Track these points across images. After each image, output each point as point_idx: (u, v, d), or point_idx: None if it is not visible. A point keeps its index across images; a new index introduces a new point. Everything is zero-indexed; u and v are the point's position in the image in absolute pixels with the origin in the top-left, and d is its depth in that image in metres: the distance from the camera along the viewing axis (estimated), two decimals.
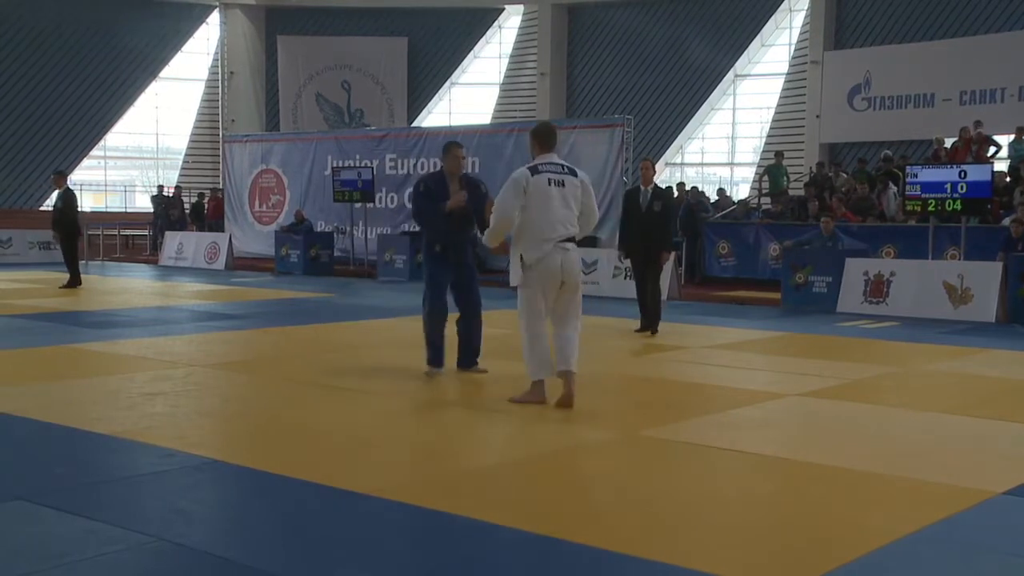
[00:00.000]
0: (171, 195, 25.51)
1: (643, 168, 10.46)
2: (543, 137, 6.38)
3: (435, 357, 7.35)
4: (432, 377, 7.30)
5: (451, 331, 7.44)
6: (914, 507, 4.41)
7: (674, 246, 12.75)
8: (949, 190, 13.09)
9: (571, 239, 6.17)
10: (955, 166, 13.71)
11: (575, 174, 6.30)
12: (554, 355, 6.28)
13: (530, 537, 3.88)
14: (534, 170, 6.16)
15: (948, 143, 17.87)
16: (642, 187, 10.29)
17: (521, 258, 6.09)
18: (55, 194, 15.43)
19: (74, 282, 14.97)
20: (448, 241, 7.26)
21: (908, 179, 13.86)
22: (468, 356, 7.46)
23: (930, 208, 13.41)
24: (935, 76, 23.59)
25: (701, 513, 4.34)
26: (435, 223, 7.29)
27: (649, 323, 10.21)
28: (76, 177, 31.08)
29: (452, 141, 7.71)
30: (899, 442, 5.71)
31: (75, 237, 15.14)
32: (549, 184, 6.08)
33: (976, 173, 13.20)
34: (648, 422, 6.06)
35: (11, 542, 3.79)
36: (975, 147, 16.66)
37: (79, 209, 15.46)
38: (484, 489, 4.65)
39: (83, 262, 21.69)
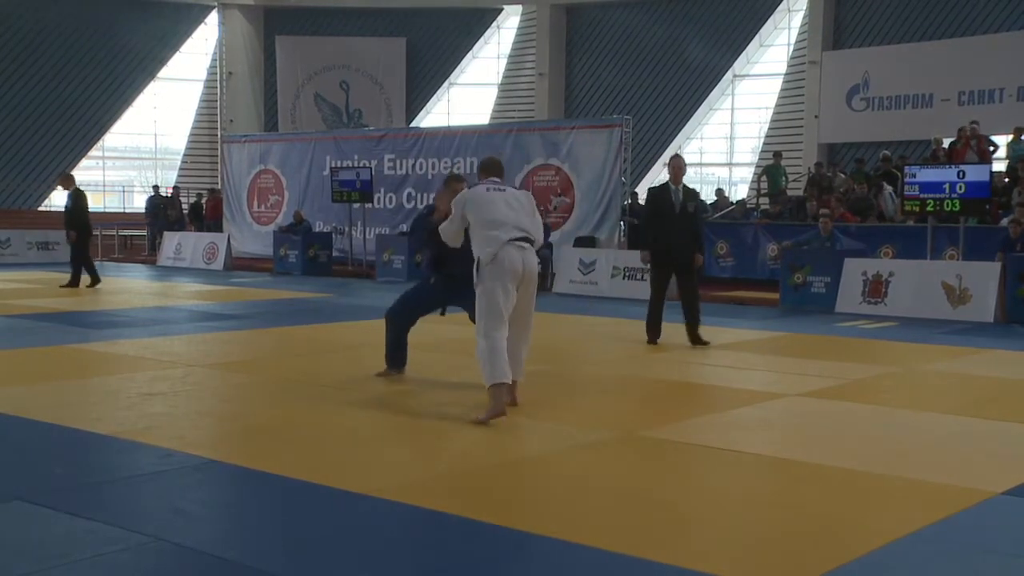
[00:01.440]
0: (169, 195, 25.51)
1: (674, 165, 9.54)
2: (489, 167, 6.44)
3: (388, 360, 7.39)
4: (384, 377, 7.33)
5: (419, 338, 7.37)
6: (914, 507, 4.41)
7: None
8: (948, 190, 13.09)
9: (527, 240, 6.10)
10: (954, 166, 13.71)
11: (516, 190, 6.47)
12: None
13: (529, 538, 3.88)
14: (471, 187, 6.33)
15: (946, 143, 17.88)
16: (672, 185, 9.45)
17: (478, 259, 6.00)
18: (65, 195, 15.47)
19: (75, 282, 15.00)
20: (449, 271, 6.93)
21: (907, 179, 13.85)
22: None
23: (929, 208, 13.41)
24: (934, 76, 23.62)
25: (700, 513, 4.33)
26: (431, 250, 7.07)
27: (692, 334, 9.38)
28: (74, 177, 31.07)
29: (454, 175, 7.46)
30: (898, 442, 5.71)
31: (85, 237, 15.25)
32: (488, 190, 6.17)
33: (975, 173, 13.20)
34: (647, 422, 6.06)
35: (10, 542, 3.79)
36: (975, 142, 16.66)
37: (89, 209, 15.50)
38: (483, 490, 4.64)
39: None
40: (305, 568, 3.55)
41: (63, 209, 15.81)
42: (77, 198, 15.14)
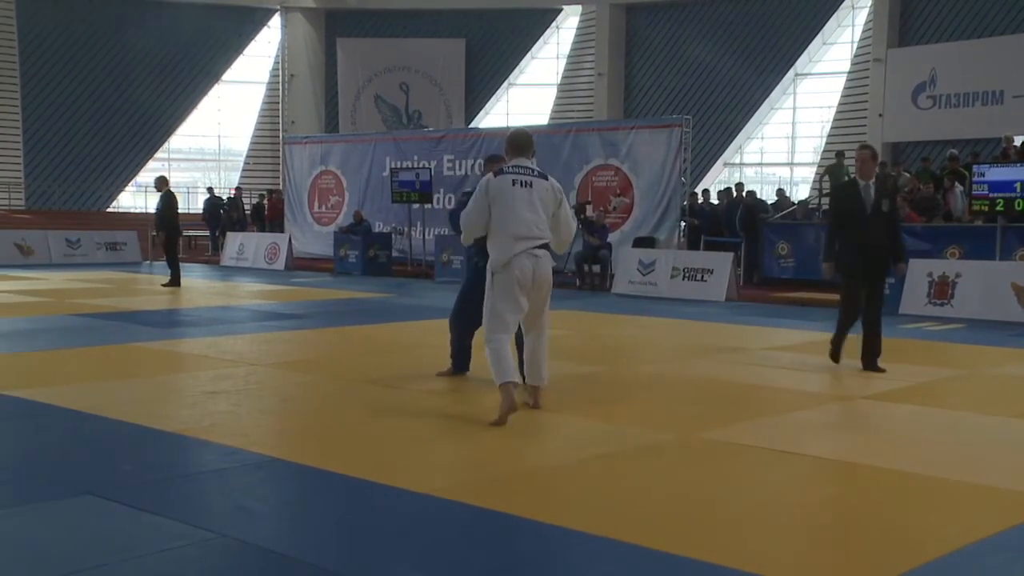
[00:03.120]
0: (231, 196, 25.91)
1: (861, 158, 8.08)
2: (517, 143, 6.13)
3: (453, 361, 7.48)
4: (446, 376, 7.42)
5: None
6: (982, 513, 4.31)
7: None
8: (1019, 189, 12.78)
9: (543, 245, 5.94)
10: None
11: (545, 179, 6.04)
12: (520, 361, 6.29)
13: (587, 538, 3.87)
14: (498, 172, 6.02)
15: (1018, 141, 17.44)
16: (860, 181, 8.03)
17: (489, 262, 5.95)
18: (158, 196, 15.91)
19: (174, 282, 15.36)
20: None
21: (975, 178, 13.55)
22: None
23: (998, 208, 13.10)
24: (1004, 72, 23.04)
25: (762, 516, 4.28)
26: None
27: (867, 357, 8.09)
28: (140, 179, 31.81)
29: (493, 157, 7.39)
30: (966, 446, 5.59)
31: (174, 237, 15.73)
32: (513, 184, 5.88)
33: None
34: (707, 424, 6.00)
35: (79, 536, 3.88)
36: None
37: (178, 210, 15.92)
38: (542, 490, 4.64)
39: (147, 262, 22.22)
40: (365, 565, 3.58)
41: (154, 211, 16.29)
42: (167, 200, 15.50)
